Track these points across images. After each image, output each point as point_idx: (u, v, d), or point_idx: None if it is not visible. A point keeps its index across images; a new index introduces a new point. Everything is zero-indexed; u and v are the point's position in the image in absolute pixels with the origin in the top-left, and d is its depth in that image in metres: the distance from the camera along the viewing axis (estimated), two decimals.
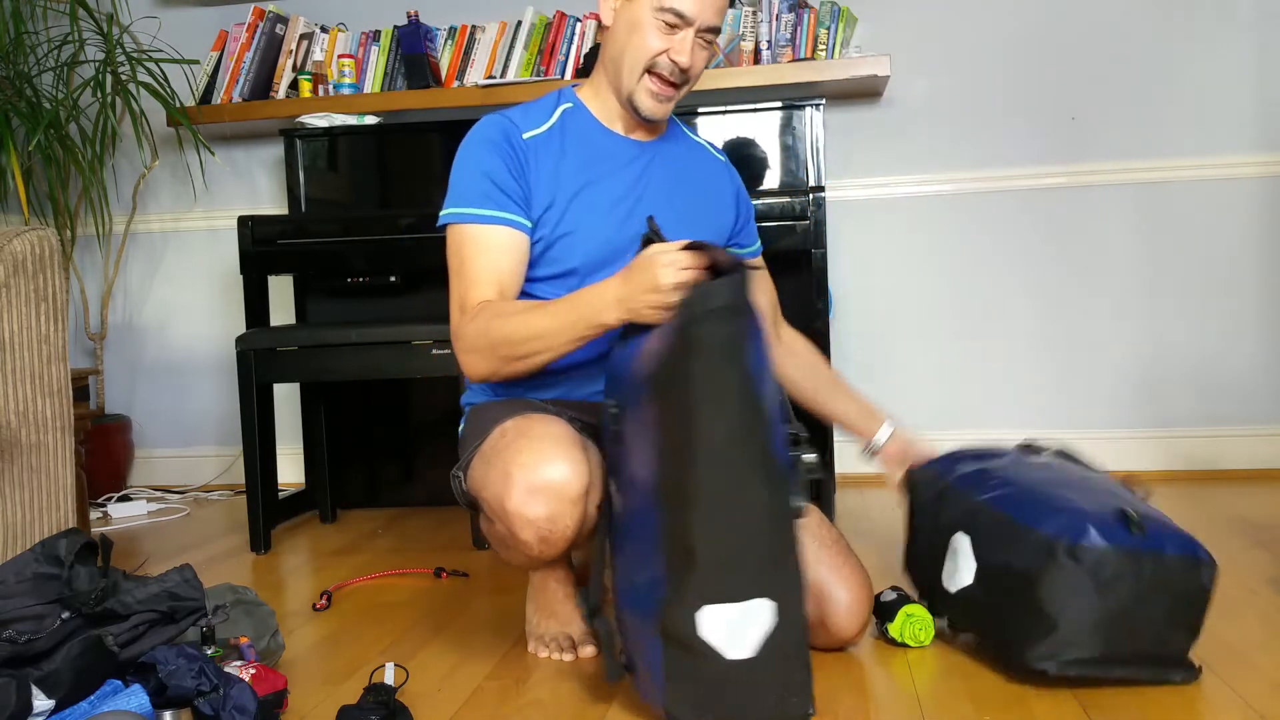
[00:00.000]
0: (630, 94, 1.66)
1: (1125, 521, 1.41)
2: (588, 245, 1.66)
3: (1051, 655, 1.42)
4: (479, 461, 1.57)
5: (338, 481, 2.96)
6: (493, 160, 1.63)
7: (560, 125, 1.70)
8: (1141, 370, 2.99)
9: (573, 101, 1.73)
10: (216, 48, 3.14)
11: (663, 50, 1.61)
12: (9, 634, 1.30)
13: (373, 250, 2.70)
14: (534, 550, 1.52)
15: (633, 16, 1.62)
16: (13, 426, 1.78)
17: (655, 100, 1.65)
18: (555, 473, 1.46)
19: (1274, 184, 2.93)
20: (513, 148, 1.64)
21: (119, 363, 3.45)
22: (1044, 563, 1.41)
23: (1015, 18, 2.99)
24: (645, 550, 1.34)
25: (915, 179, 3.06)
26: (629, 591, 1.40)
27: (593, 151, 1.70)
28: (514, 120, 1.68)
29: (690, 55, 1.62)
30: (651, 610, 1.32)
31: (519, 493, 1.46)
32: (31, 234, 1.80)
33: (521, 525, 1.48)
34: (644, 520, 1.34)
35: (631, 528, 1.39)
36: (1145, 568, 1.40)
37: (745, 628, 1.30)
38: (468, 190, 1.64)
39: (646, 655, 1.35)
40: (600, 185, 1.68)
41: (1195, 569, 1.42)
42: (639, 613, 1.36)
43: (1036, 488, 1.53)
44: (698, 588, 1.29)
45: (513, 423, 1.54)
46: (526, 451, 1.47)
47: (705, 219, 1.78)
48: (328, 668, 1.67)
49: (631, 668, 1.42)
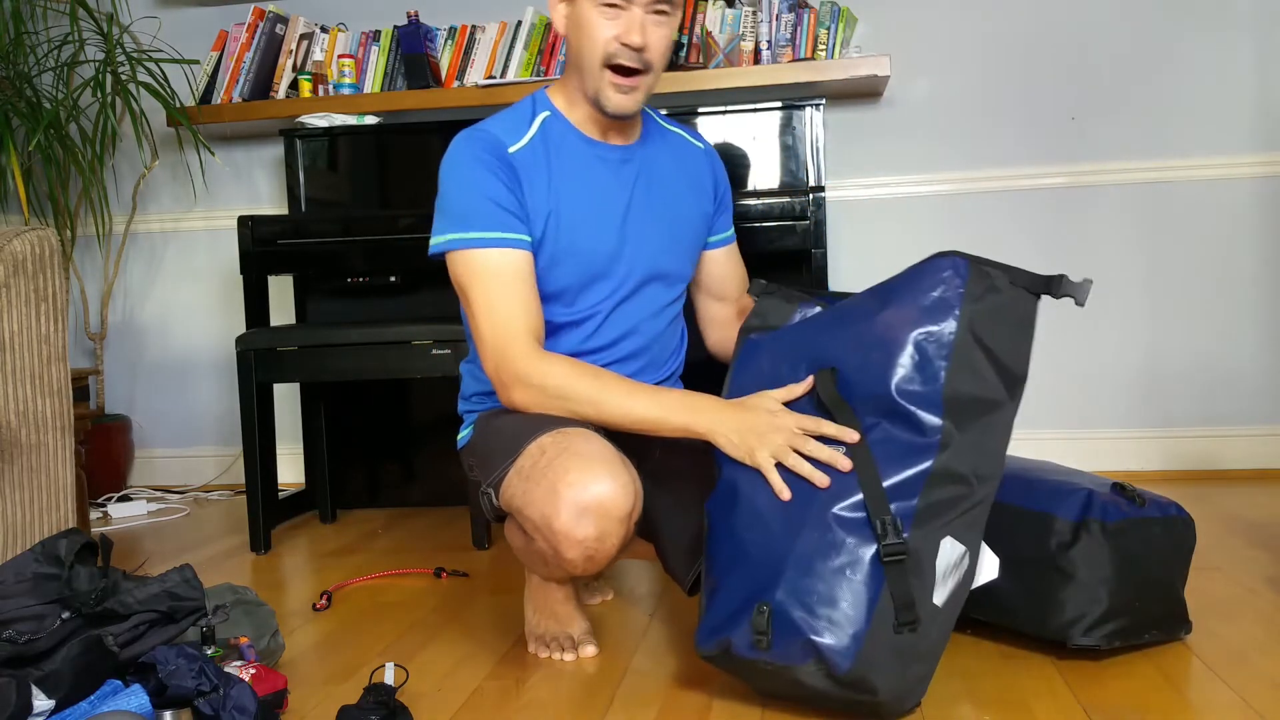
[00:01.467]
0: (596, 93, 1.61)
1: (1125, 494, 1.57)
2: (579, 266, 1.64)
3: (1094, 629, 1.51)
4: (517, 479, 1.53)
5: (338, 481, 2.96)
6: (489, 180, 1.58)
7: (541, 136, 1.66)
8: (1141, 370, 2.99)
9: (549, 109, 1.69)
10: (216, 48, 3.14)
11: (613, 37, 1.57)
12: (9, 634, 1.30)
13: (373, 250, 2.70)
14: (578, 568, 1.50)
15: (579, 15, 1.59)
16: (13, 426, 1.78)
17: (620, 94, 1.60)
18: (604, 491, 1.43)
19: (1274, 184, 2.93)
20: (505, 165, 1.60)
21: (119, 363, 3.45)
22: (1076, 543, 1.52)
23: (1015, 18, 2.99)
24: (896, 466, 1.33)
25: (915, 179, 3.06)
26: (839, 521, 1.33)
27: (577, 165, 1.66)
28: (497, 134, 1.63)
29: (643, 33, 1.57)
30: (884, 529, 1.29)
31: (569, 512, 1.43)
32: (31, 234, 1.80)
33: (569, 545, 1.46)
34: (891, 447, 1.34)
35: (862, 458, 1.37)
36: (1154, 531, 1.56)
37: (952, 573, 1.33)
38: (469, 213, 1.58)
39: (848, 588, 1.29)
40: (588, 202, 1.65)
41: (1187, 525, 1.61)
42: (859, 537, 1.31)
43: (1025, 477, 1.63)
44: (952, 515, 1.33)
45: (551, 438, 1.50)
46: (575, 470, 1.44)
47: (687, 216, 1.76)
48: (328, 668, 1.67)
49: (785, 629, 1.31)
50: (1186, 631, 1.62)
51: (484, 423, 1.68)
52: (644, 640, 1.73)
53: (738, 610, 1.35)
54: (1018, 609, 1.57)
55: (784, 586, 1.31)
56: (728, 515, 1.43)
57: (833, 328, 1.46)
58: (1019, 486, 1.60)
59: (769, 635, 1.30)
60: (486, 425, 1.67)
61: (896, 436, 1.34)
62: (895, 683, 1.29)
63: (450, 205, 1.61)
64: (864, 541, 1.30)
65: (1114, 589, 1.51)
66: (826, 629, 1.27)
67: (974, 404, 1.35)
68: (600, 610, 1.91)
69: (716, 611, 1.38)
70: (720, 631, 1.36)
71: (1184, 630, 1.62)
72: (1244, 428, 2.95)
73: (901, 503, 1.31)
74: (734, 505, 1.43)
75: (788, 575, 1.31)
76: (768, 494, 1.39)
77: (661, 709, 1.44)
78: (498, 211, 1.58)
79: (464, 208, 1.59)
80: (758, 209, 2.58)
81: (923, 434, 1.33)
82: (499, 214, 1.58)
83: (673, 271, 1.74)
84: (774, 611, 1.30)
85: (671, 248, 1.73)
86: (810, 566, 1.31)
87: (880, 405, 1.36)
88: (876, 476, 1.32)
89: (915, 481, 1.31)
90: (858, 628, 1.27)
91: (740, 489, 1.43)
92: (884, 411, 1.35)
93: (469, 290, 1.59)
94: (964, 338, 1.34)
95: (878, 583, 1.28)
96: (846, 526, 1.31)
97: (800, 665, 1.29)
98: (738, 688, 1.48)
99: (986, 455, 1.37)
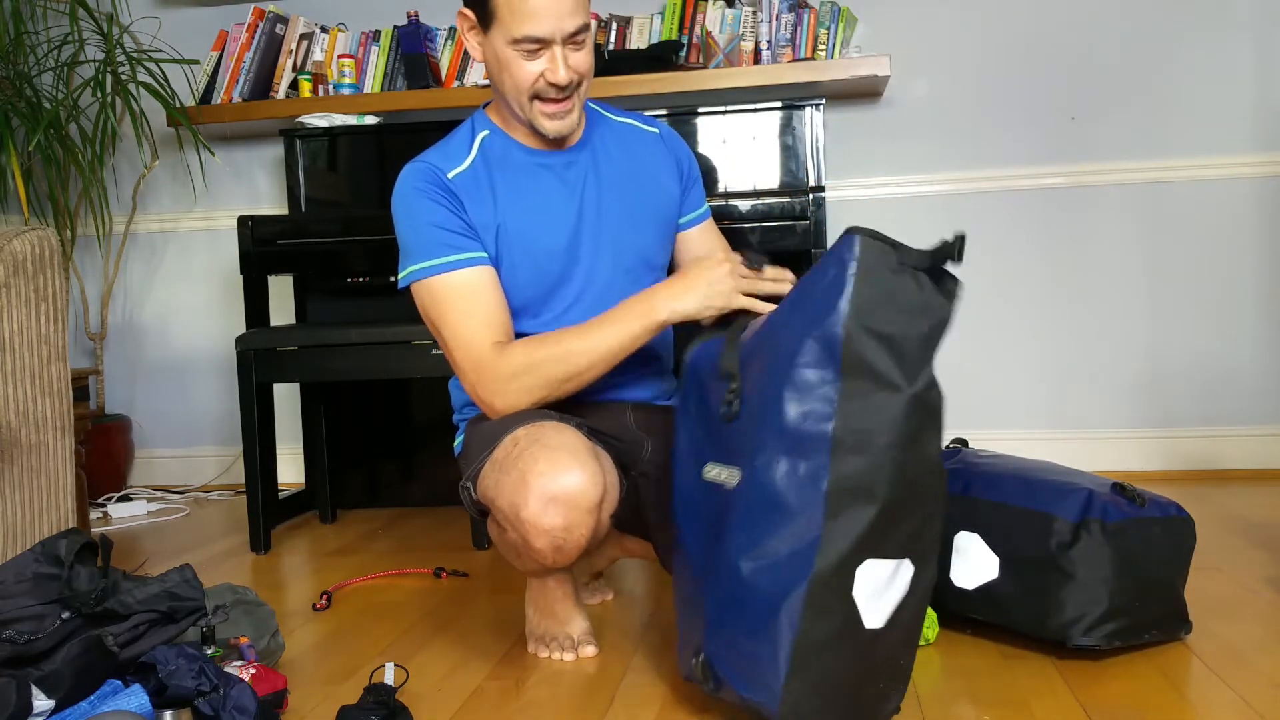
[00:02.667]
0: (530, 122, 1.62)
1: (1125, 494, 1.57)
2: (536, 275, 1.64)
3: (1094, 629, 1.51)
4: (490, 470, 1.55)
5: (338, 481, 2.96)
6: (431, 208, 1.60)
7: (482, 157, 1.66)
8: (1141, 370, 2.99)
9: (489, 128, 1.69)
10: (216, 48, 3.14)
11: (538, 75, 1.56)
12: (9, 634, 1.30)
13: (373, 250, 2.70)
14: (547, 559, 1.52)
15: (496, 53, 1.58)
16: (13, 426, 1.78)
17: (555, 120, 1.60)
18: (571, 482, 1.45)
19: (1274, 184, 2.93)
20: (443, 190, 1.61)
21: (119, 363, 3.45)
22: (1076, 543, 1.52)
23: (1015, 18, 2.99)
24: (783, 514, 1.24)
25: (915, 179, 3.06)
26: (748, 572, 1.26)
27: (520, 176, 1.66)
28: (434, 163, 1.63)
29: (566, 69, 1.56)
30: (791, 577, 1.22)
31: (535, 501, 1.45)
32: (31, 234, 1.80)
33: (536, 534, 1.48)
34: (786, 484, 1.24)
35: (756, 498, 1.27)
36: (1154, 531, 1.56)
37: (886, 590, 1.26)
38: (421, 244, 1.60)
39: (762, 643, 1.24)
40: (535, 210, 1.65)
41: (1187, 525, 1.61)
42: (764, 588, 1.24)
43: (1025, 476, 1.63)
44: (869, 538, 1.22)
45: (524, 430, 1.52)
46: (543, 460, 1.46)
47: (649, 203, 1.74)
48: (328, 668, 1.67)
49: (718, 680, 1.31)
50: (1186, 631, 1.62)
51: (472, 426, 1.71)
52: (644, 640, 1.73)
53: (688, 648, 1.38)
54: (1018, 609, 1.57)
55: (710, 639, 1.31)
56: (676, 533, 1.44)
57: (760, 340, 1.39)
58: (1019, 486, 1.60)
59: (709, 683, 1.32)
60: (473, 428, 1.69)
61: (786, 468, 1.24)
62: (838, 715, 1.26)
63: (404, 241, 1.65)
64: (773, 591, 1.23)
65: (1114, 589, 1.51)
66: (749, 684, 1.26)
67: (874, 400, 1.23)
68: (600, 610, 1.91)
69: (680, 644, 1.43)
70: (684, 665, 1.40)
71: (1184, 630, 1.62)
72: (1244, 428, 2.95)
73: (797, 544, 1.22)
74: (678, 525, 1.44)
75: (710, 628, 1.31)
76: (700, 526, 1.37)
77: (661, 709, 1.44)
78: (445, 235, 1.60)
79: (414, 240, 1.62)
80: (758, 209, 2.58)
81: (814, 449, 1.23)
82: (447, 237, 1.60)
83: (645, 260, 1.73)
84: (705, 663, 1.32)
85: (637, 238, 1.72)
86: (722, 621, 1.29)
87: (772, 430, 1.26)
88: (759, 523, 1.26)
89: (812, 511, 1.22)
90: (779, 681, 1.22)
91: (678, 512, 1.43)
92: (776, 435, 1.26)
93: (435, 320, 1.62)
94: (850, 330, 1.23)
95: (792, 628, 1.21)
96: (752, 578, 1.25)
97: (743, 706, 1.30)
98: None
99: (894, 456, 1.24)
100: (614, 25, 3.03)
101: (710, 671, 1.31)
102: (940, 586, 1.65)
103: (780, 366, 1.27)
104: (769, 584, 1.24)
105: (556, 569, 1.60)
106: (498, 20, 1.55)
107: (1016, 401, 3.02)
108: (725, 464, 1.34)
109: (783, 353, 1.27)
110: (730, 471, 1.32)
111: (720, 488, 1.33)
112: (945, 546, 1.64)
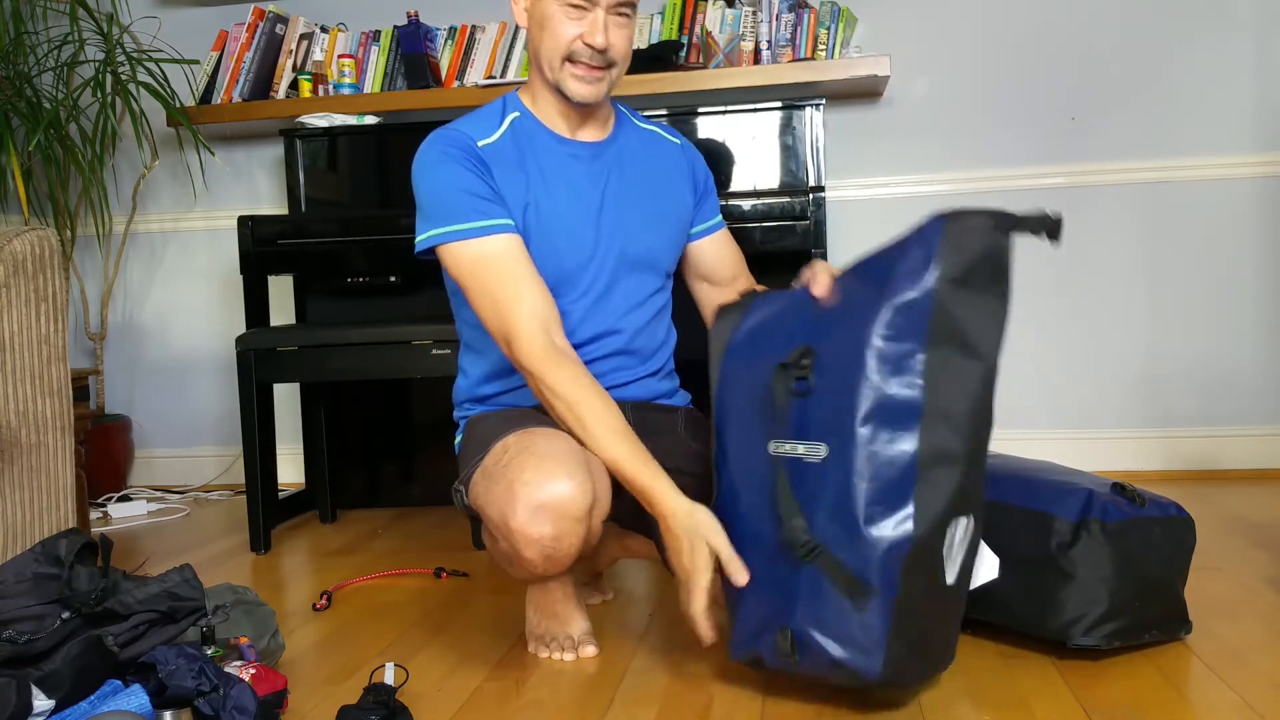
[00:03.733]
0: (558, 83, 1.63)
1: (1125, 494, 1.57)
2: (552, 267, 1.64)
3: (1094, 629, 1.51)
4: (481, 478, 1.55)
5: (338, 481, 2.96)
6: (461, 173, 1.59)
7: (511, 134, 1.67)
8: (1141, 370, 2.99)
9: (519, 110, 1.70)
10: (216, 48, 3.14)
11: (576, 36, 1.59)
12: (9, 634, 1.30)
13: (373, 250, 2.70)
14: (538, 568, 1.52)
15: (542, 12, 1.61)
16: (13, 426, 1.78)
17: (583, 84, 1.61)
18: (559, 490, 1.45)
19: (1274, 184, 2.93)
20: (475, 157, 1.61)
21: (119, 363, 3.45)
22: (1076, 543, 1.52)
23: (1015, 18, 2.99)
24: (879, 482, 1.29)
25: (915, 179, 3.06)
26: (848, 540, 1.30)
27: (548, 163, 1.67)
28: (465, 131, 1.64)
29: (605, 35, 1.58)
30: (892, 541, 1.27)
31: (523, 511, 1.45)
32: (31, 234, 1.80)
33: (526, 544, 1.48)
34: (878, 452, 1.30)
35: (848, 468, 1.31)
36: (1154, 531, 1.56)
37: (958, 548, 1.33)
38: (449, 207, 1.59)
39: (864, 607, 1.28)
40: (563, 201, 1.66)
41: (1187, 525, 1.61)
42: (866, 554, 1.28)
43: (1025, 477, 1.64)
44: (957, 499, 1.30)
45: (515, 438, 1.52)
46: (530, 469, 1.46)
47: (664, 207, 1.76)
48: (328, 668, 1.67)
49: (808, 649, 1.32)
50: (1186, 631, 1.62)
51: (470, 426, 1.71)
52: (644, 640, 1.73)
53: (761, 628, 1.38)
54: (1018, 609, 1.57)
55: (800, 613, 1.33)
56: (732, 525, 1.44)
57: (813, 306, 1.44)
58: (1019, 486, 1.60)
59: (795, 656, 1.34)
60: (471, 429, 1.69)
61: (879, 437, 1.30)
62: (924, 669, 1.37)
63: (428, 203, 1.62)
64: (875, 555, 1.29)
65: (1114, 589, 1.51)
66: (849, 649, 1.30)
67: (957, 368, 1.31)
68: (600, 610, 1.91)
69: (742, 626, 1.42)
70: (749, 645, 1.41)
71: (1184, 630, 1.62)
72: (1244, 428, 2.95)
73: (895, 510, 1.29)
74: (735, 517, 1.44)
75: (801, 602, 1.33)
76: (760, 515, 1.39)
77: (661, 709, 1.44)
78: (476, 201, 1.59)
79: (442, 204, 1.60)
80: (757, 209, 2.58)
81: (904, 417, 1.30)
82: (478, 203, 1.59)
83: (652, 261, 1.74)
84: (794, 636, 1.33)
85: (648, 238, 1.73)
86: (820, 595, 1.32)
87: (854, 393, 1.31)
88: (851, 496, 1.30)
89: (907, 478, 1.29)
90: (879, 647, 1.29)
91: (740, 499, 1.44)
92: (863, 403, 1.31)
93: (466, 284, 1.60)
94: (941, 298, 1.30)
95: (890, 590, 1.28)
96: (852, 545, 1.31)
97: (831, 675, 1.34)
98: (738, 687, 1.49)
99: (973, 421, 1.33)
100: None
101: (799, 643, 1.33)
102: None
103: (860, 338, 1.32)
104: (870, 549, 1.28)
105: (548, 577, 1.60)
106: None
107: (1016, 401, 3.02)
108: (800, 440, 1.37)
109: (860, 322, 1.33)
110: (811, 446, 1.35)
111: (798, 462, 1.36)
112: None
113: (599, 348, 1.70)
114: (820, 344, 1.38)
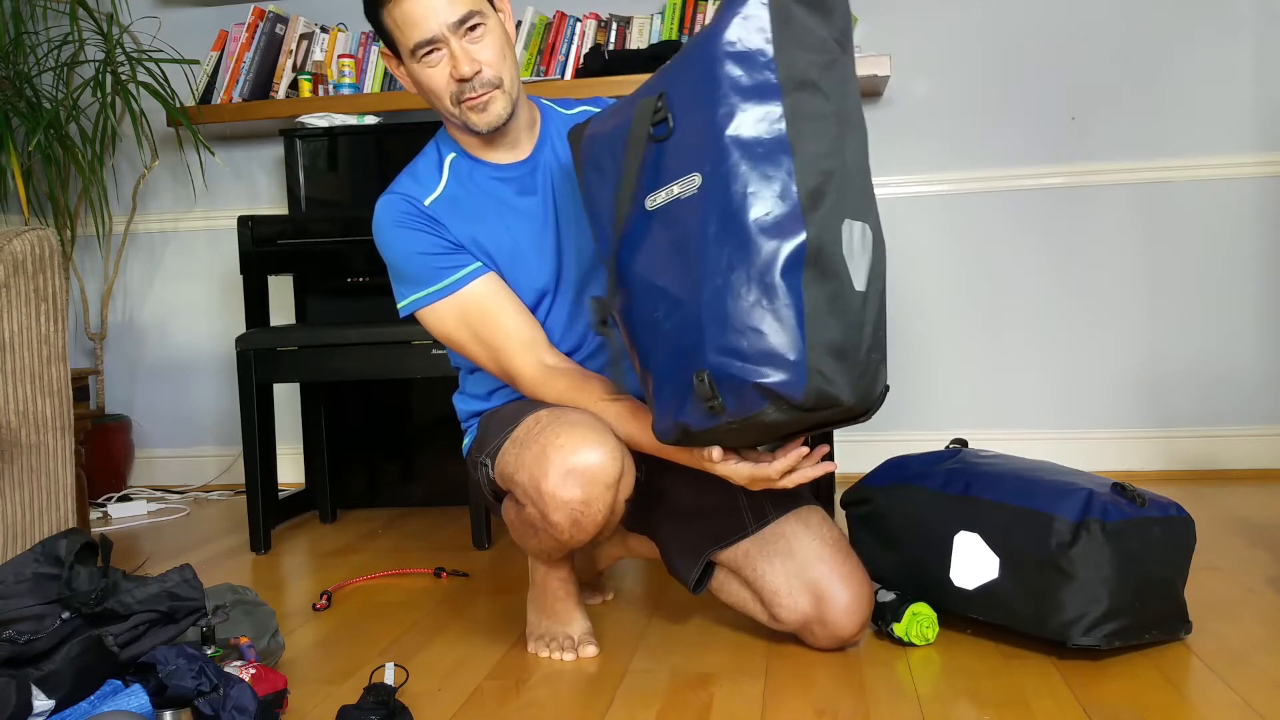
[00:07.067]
0: (464, 123, 1.61)
1: (1125, 494, 1.56)
2: (524, 288, 1.66)
3: (1094, 629, 1.50)
4: (511, 446, 1.57)
5: (338, 481, 2.96)
6: (414, 238, 1.62)
7: (454, 178, 1.67)
8: (1141, 370, 2.99)
9: (454, 150, 1.69)
10: (216, 48, 3.14)
11: (448, 78, 1.56)
12: (9, 634, 1.30)
13: (373, 250, 2.66)
14: (565, 534, 1.52)
15: (413, 75, 1.60)
16: (13, 426, 1.78)
17: (480, 113, 1.59)
18: (592, 457, 1.46)
19: (1274, 184, 2.93)
20: (424, 218, 1.63)
21: (119, 363, 3.45)
22: (1076, 543, 1.51)
23: (1015, 18, 2.99)
24: (759, 193, 1.25)
25: (915, 179, 3.06)
26: (743, 257, 1.27)
27: (493, 193, 1.66)
28: (406, 193, 1.65)
29: (467, 60, 1.54)
30: (788, 247, 1.23)
31: (556, 474, 1.47)
32: (31, 234, 1.80)
33: (555, 507, 1.48)
34: (753, 168, 1.26)
35: (726, 187, 1.27)
36: (1154, 531, 1.56)
37: (860, 252, 1.28)
38: (416, 273, 1.63)
39: (771, 324, 1.24)
40: (515, 226, 1.66)
41: (1187, 525, 1.61)
42: (763, 266, 1.25)
43: (1025, 476, 1.63)
44: (848, 200, 1.27)
45: (547, 412, 1.55)
46: (564, 435, 1.48)
47: None
48: (328, 668, 1.67)
49: (728, 383, 1.27)
50: (1186, 631, 1.62)
51: (485, 420, 1.71)
52: (644, 640, 1.73)
53: (679, 389, 1.33)
54: (1018, 609, 1.57)
55: (710, 346, 1.27)
56: (632, 301, 1.39)
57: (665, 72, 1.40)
58: (1019, 486, 1.60)
59: (718, 398, 1.28)
60: (488, 420, 1.70)
61: (743, 123, 1.26)
62: (853, 382, 1.27)
63: (396, 270, 1.67)
64: (773, 265, 1.24)
65: (1114, 589, 1.51)
66: (768, 367, 1.24)
67: (811, 74, 1.28)
68: (600, 610, 1.91)
69: (662, 400, 1.37)
70: (672, 416, 1.35)
71: (1184, 630, 1.62)
72: (1244, 428, 2.95)
73: (781, 207, 1.25)
74: (631, 286, 1.39)
75: (709, 333, 1.27)
76: (660, 260, 1.35)
77: (661, 709, 1.44)
78: (436, 259, 1.62)
79: (408, 271, 1.65)
80: None
81: (765, 95, 1.26)
82: (439, 261, 1.62)
83: None
84: (712, 374, 1.28)
85: None
86: (725, 315, 1.26)
87: (713, 104, 1.28)
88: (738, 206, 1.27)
89: (785, 184, 1.25)
90: (797, 353, 1.23)
91: (634, 268, 1.39)
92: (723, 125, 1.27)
93: (455, 339, 1.65)
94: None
95: (797, 296, 1.23)
96: (750, 259, 1.26)
97: (759, 411, 1.26)
98: (738, 687, 1.49)
99: (839, 121, 1.29)
100: (614, 25, 3.03)
101: (718, 381, 1.27)
102: (940, 586, 1.66)
103: (709, 55, 1.29)
104: (767, 261, 1.24)
105: (571, 547, 1.59)
106: (397, 42, 1.57)
107: (1016, 401, 3.02)
108: (670, 182, 1.32)
109: (703, 48, 1.30)
110: (684, 181, 1.31)
111: (675, 203, 1.32)
112: (945, 546, 1.64)
113: (583, 353, 1.70)
114: (670, 88, 1.34)
